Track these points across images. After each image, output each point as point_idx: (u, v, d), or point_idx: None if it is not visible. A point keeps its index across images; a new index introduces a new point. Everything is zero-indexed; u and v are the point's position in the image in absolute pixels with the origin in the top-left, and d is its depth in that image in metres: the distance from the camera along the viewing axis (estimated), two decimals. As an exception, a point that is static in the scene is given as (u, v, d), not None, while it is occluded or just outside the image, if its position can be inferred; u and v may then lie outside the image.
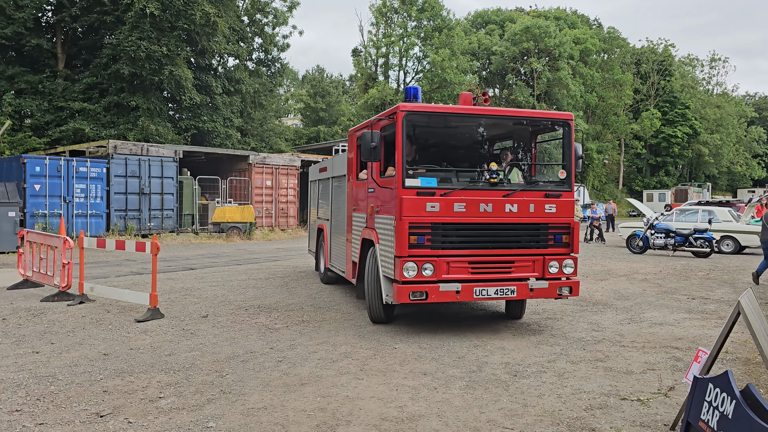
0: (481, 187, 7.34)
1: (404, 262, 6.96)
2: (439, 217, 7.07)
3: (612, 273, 14.30)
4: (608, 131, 60.05)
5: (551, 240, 7.44)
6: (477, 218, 7.19)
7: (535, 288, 7.33)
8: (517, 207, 7.30)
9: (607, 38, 62.74)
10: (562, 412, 4.96)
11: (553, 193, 7.50)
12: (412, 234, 6.99)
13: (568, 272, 7.52)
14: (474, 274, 7.20)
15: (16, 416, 4.76)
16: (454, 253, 7.16)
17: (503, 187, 7.40)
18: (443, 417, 4.82)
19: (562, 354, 6.78)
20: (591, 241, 24.61)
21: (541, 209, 7.38)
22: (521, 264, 7.37)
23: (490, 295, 7.17)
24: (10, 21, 28.97)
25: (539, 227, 7.42)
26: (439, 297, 7.04)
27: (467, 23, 60.93)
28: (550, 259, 7.43)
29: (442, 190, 7.13)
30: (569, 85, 52.84)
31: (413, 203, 7.02)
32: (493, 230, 7.30)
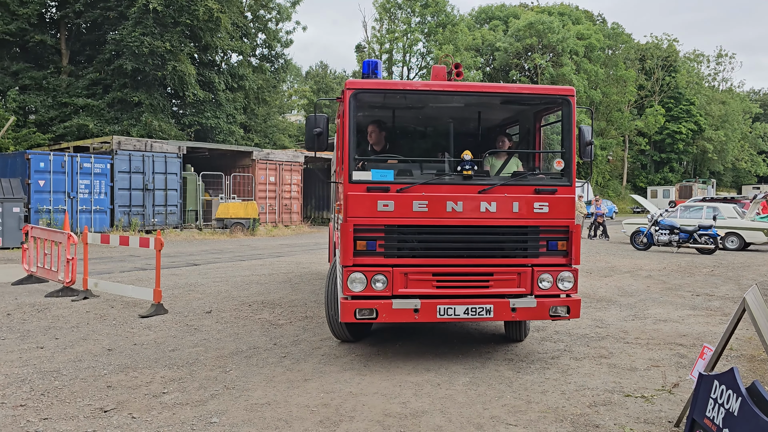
0: (450, 181, 5.95)
1: (349, 272, 5.72)
2: (394, 218, 5.77)
3: (616, 269, 14.27)
4: (612, 128, 59.85)
5: (543, 247, 5.98)
6: (443, 219, 5.83)
7: (518, 307, 5.84)
8: (496, 206, 5.86)
9: (612, 34, 62.50)
10: (565, 408, 4.95)
11: (545, 189, 5.97)
12: (359, 238, 5.76)
13: (565, 288, 5.97)
14: (440, 288, 5.86)
15: (20, 411, 4.78)
16: (413, 262, 5.86)
17: (479, 181, 5.95)
18: (446, 413, 4.82)
19: (565, 350, 6.77)
20: (594, 237, 24.56)
21: (529, 209, 5.92)
22: (502, 277, 5.92)
23: (458, 314, 5.76)
24: (14, 17, 29.00)
25: (527, 231, 5.96)
26: (392, 316, 5.75)
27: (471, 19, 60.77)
28: (542, 271, 5.93)
29: (398, 184, 5.79)
30: (573, 81, 52.66)
31: (361, 201, 5.76)
32: (465, 234, 5.89)
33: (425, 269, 5.87)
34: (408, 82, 6.67)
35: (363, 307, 5.73)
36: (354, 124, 5.92)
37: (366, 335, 7.19)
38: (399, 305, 5.77)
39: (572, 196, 6.07)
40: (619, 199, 58.33)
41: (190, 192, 25.16)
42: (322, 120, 6.07)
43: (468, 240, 5.92)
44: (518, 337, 7.07)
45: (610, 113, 59.56)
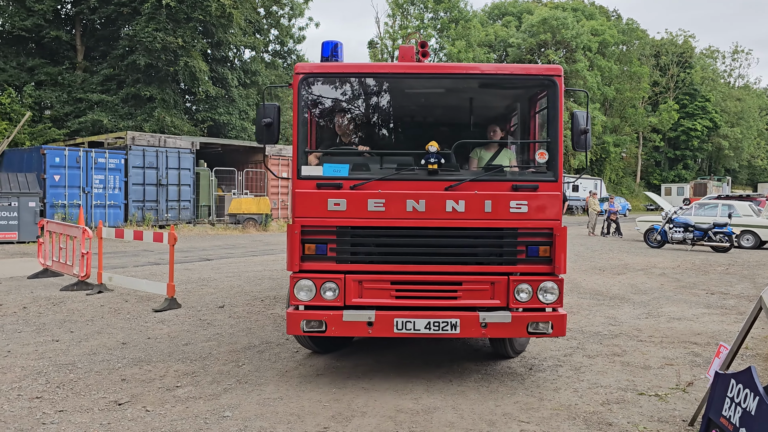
0: (411, 176, 5.24)
1: (296, 279, 5.17)
2: (346, 219, 5.16)
3: (629, 267, 14.17)
4: (626, 124, 59.39)
5: (521, 253, 5.21)
6: (403, 220, 5.14)
7: (489, 322, 5.08)
8: (465, 205, 5.12)
9: (626, 30, 61.95)
10: (578, 406, 4.93)
11: (525, 185, 5.18)
12: (307, 241, 5.20)
13: (548, 300, 5.17)
14: (399, 298, 5.17)
15: (36, 403, 4.83)
16: (369, 268, 5.22)
17: (446, 177, 5.20)
18: (458, 409, 4.81)
19: (578, 348, 6.73)
20: (608, 234, 24.42)
21: (505, 208, 5.13)
22: (473, 287, 5.18)
23: (418, 329, 5.05)
24: (30, 13, 29.26)
25: (502, 234, 5.19)
26: (342, 329, 5.12)
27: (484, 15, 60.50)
28: (519, 280, 5.16)
29: (352, 180, 5.17)
30: (586, 77, 52.30)
31: (310, 199, 5.17)
32: (428, 238, 5.19)
33: (382, 277, 5.18)
34: (363, 65, 5.73)
35: (311, 318, 5.12)
36: (304, 112, 5.39)
37: (342, 347, 6.47)
38: (350, 317, 5.10)
39: (557, 193, 5.20)
40: (633, 196, 57.92)
41: (203, 187, 25.30)
42: (272, 109, 5.42)
43: (432, 244, 5.20)
44: (505, 352, 6.16)
45: (623, 110, 59.10)
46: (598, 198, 26.15)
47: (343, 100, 6.34)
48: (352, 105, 6.49)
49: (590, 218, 25.08)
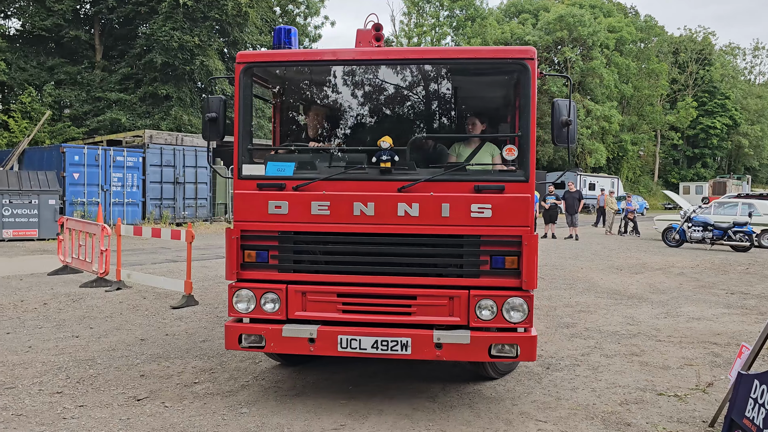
0: (360, 176, 4.69)
1: (235, 289, 4.74)
2: (288, 223, 4.66)
3: (647, 266, 14.03)
4: (643, 122, 58.78)
5: (485, 264, 4.55)
6: (349, 225, 4.59)
7: (445, 343, 4.46)
8: (419, 208, 4.51)
9: (644, 27, 61.30)
10: (596, 406, 4.89)
11: (489, 186, 4.51)
12: (246, 247, 4.76)
13: (514, 320, 4.50)
14: (346, 313, 4.63)
15: (57, 398, 4.90)
16: (313, 278, 4.70)
17: (399, 177, 4.59)
18: (474, 408, 4.80)
19: (596, 347, 6.68)
20: (625, 233, 24.20)
21: (465, 213, 4.49)
22: (428, 302, 4.56)
23: (364, 348, 4.50)
24: (50, 13, 29.66)
25: (462, 242, 4.56)
26: (281, 345, 4.65)
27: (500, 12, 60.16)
28: (482, 295, 4.50)
29: (296, 180, 4.67)
30: (603, 74, 51.85)
31: (250, 201, 4.74)
32: (378, 246, 4.61)
33: (328, 288, 4.65)
34: (311, 51, 5.15)
35: (249, 332, 4.68)
36: (245, 106, 4.88)
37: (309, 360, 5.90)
38: (290, 332, 4.58)
39: (527, 195, 4.51)
40: (650, 195, 57.32)
41: (219, 185, 25.47)
42: (217, 103, 4.94)
43: (382, 252, 4.62)
44: (485, 372, 5.46)
45: (641, 107, 58.51)
46: (615, 196, 25.92)
47: (291, 92, 5.84)
48: (301, 96, 5.97)
49: (607, 217, 24.86)
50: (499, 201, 4.50)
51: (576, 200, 21.89)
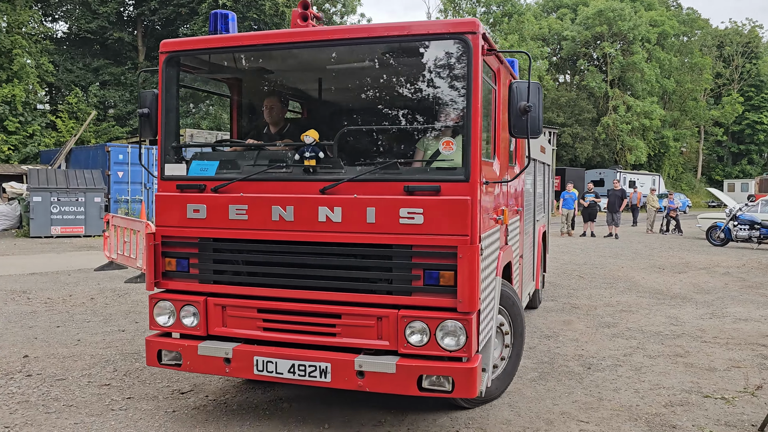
0: (283, 176, 4.21)
1: (155, 300, 4.38)
2: (207, 229, 4.23)
3: (691, 266, 13.69)
4: (686, 118, 57.25)
5: (417, 279, 3.87)
6: (267, 232, 4.10)
7: (367, 371, 3.86)
8: (342, 213, 3.93)
9: (686, 20, 59.68)
10: (640, 407, 4.81)
11: (421, 187, 3.85)
12: (168, 255, 4.36)
13: (450, 346, 3.80)
14: (268, 330, 4.15)
15: (105, 390, 5.06)
16: (233, 291, 4.24)
17: (324, 176, 4.08)
18: (515, 407, 4.77)
19: (638, 348, 6.56)
20: (667, 232, 23.65)
21: (393, 218, 3.84)
22: (354, 321, 3.97)
23: (280, 373, 4.00)
24: (95, 16, 30.56)
25: (391, 254, 3.90)
26: (197, 365, 4.21)
27: (538, 8, 59.37)
28: (412, 316, 3.84)
29: (216, 181, 4.24)
30: (644, 69, 50.71)
31: (170, 204, 4.34)
32: (297, 255, 4.07)
33: (248, 302, 4.19)
34: (233, 36, 4.50)
35: (168, 348, 4.31)
36: (171, 99, 4.48)
37: None
38: (206, 350, 4.16)
39: (466, 198, 3.76)
40: (693, 192, 55.85)
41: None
42: (149, 97, 4.50)
43: (302, 264, 4.07)
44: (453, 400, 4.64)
45: (684, 103, 57.02)
46: (656, 194, 25.34)
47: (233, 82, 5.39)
48: (231, 87, 5.48)
49: (648, 215, 24.34)
50: (433, 205, 3.78)
51: (618, 198, 21.49)
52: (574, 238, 20.48)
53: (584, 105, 50.09)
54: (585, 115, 49.54)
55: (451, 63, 4.12)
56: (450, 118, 4.29)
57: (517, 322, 5.06)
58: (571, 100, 50.15)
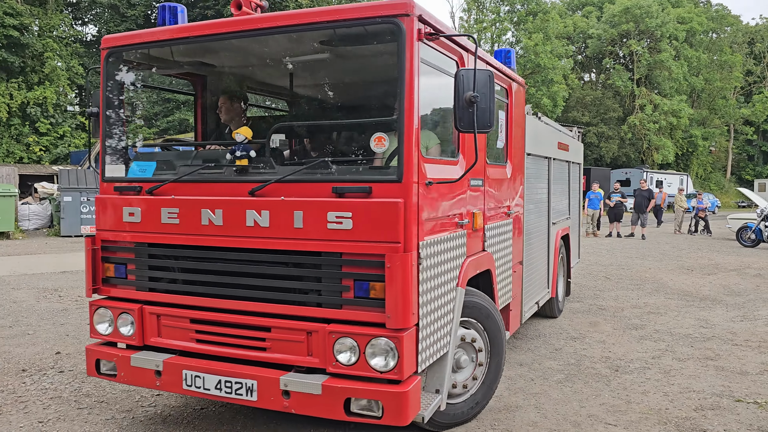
0: (215, 177, 3.97)
1: (95, 307, 4.20)
2: (142, 233, 4.03)
3: (720, 267, 13.43)
4: (715, 116, 56.18)
5: (348, 291, 3.52)
6: (196, 237, 3.85)
7: (293, 391, 3.54)
8: (270, 217, 3.64)
9: (716, 17, 58.56)
10: (669, 411, 4.74)
11: (351, 188, 3.50)
12: (107, 260, 4.20)
13: (380, 366, 3.43)
14: (201, 342, 3.91)
15: (134, 386, 5.14)
16: (167, 299, 4.02)
17: (254, 177, 3.82)
18: (541, 409, 4.73)
19: (667, 350, 6.46)
20: (696, 233, 23.24)
21: (321, 223, 3.52)
22: (283, 336, 3.67)
23: (208, 389, 3.76)
24: (124, 19, 31.14)
25: (320, 263, 3.58)
26: (130, 376, 4.02)
27: (563, 6, 58.81)
28: (340, 332, 3.49)
29: (151, 182, 4.03)
30: (671, 67, 49.91)
31: (108, 206, 4.17)
32: (225, 263, 3.83)
33: (182, 312, 3.95)
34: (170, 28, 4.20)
35: (105, 357, 4.12)
36: (114, 97, 4.28)
37: None
38: (138, 362, 3.95)
39: (397, 201, 3.37)
40: (722, 192, 54.80)
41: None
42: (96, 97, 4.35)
43: (231, 272, 3.81)
44: None
45: (713, 101, 55.98)
46: (684, 194, 24.92)
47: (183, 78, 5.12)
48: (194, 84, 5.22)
49: (676, 215, 23.95)
50: (361, 208, 3.42)
51: (645, 199, 21.14)
52: (600, 238, 20.24)
53: (610, 104, 49.52)
54: (611, 114, 48.97)
55: (386, 50, 3.71)
56: (386, 112, 3.94)
57: (494, 338, 4.50)
58: (596, 99, 49.61)
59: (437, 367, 3.93)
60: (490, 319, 4.49)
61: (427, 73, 3.65)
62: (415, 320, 3.44)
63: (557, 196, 7.57)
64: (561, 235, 7.70)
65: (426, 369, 3.83)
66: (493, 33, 46.57)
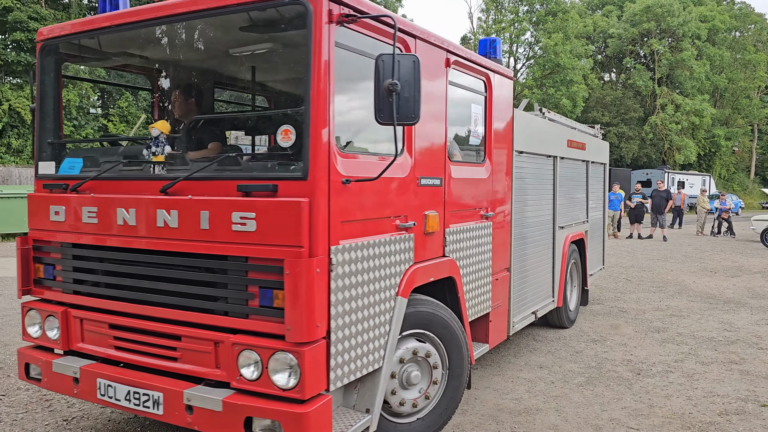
0: (133, 174, 3.77)
1: (26, 309, 4.06)
2: (66, 233, 3.86)
3: (744, 269, 13.21)
4: (739, 116, 55.32)
5: (253, 298, 3.20)
6: (112, 238, 3.65)
7: (196, 406, 3.24)
8: (178, 217, 3.38)
9: (739, 15, 57.67)
10: (692, 415, 4.67)
11: (255, 186, 3.20)
12: (38, 260, 4.04)
13: (280, 383, 3.09)
14: (120, 350, 3.70)
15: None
16: (90, 303, 3.81)
17: (167, 174, 3.59)
18: (562, 412, 4.69)
19: (690, 354, 6.36)
20: (719, 234, 22.88)
21: (225, 224, 3.22)
22: (192, 346, 3.41)
23: (119, 400, 3.52)
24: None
25: (226, 267, 3.29)
26: (52, 382, 3.84)
27: (582, 5, 58.35)
28: (244, 344, 3.18)
29: (76, 180, 3.86)
30: (693, 67, 49.24)
31: (37, 205, 4.01)
32: (137, 266, 3.61)
33: (102, 317, 3.75)
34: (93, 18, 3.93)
35: (32, 361, 3.95)
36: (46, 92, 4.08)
37: None
38: (59, 367, 3.77)
39: (300, 200, 3.04)
40: (746, 193, 53.93)
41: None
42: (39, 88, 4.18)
43: (143, 275, 3.58)
44: None
45: (736, 100, 55.14)
46: (707, 195, 24.57)
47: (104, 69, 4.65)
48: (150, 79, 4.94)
49: (699, 217, 23.62)
50: (265, 208, 3.10)
51: (663, 199, 20.87)
52: (620, 240, 20.02)
53: (630, 104, 48.99)
54: (631, 114, 48.45)
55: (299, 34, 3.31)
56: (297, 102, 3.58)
57: (453, 353, 4.15)
58: (616, 99, 49.12)
59: (370, 383, 3.58)
60: (448, 331, 4.11)
61: (353, 61, 3.35)
62: (321, 333, 3.09)
63: (567, 198, 7.05)
64: (572, 240, 7.17)
65: (358, 385, 3.58)
66: (512, 33, 46.35)
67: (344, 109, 3.40)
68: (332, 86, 3.14)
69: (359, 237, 3.37)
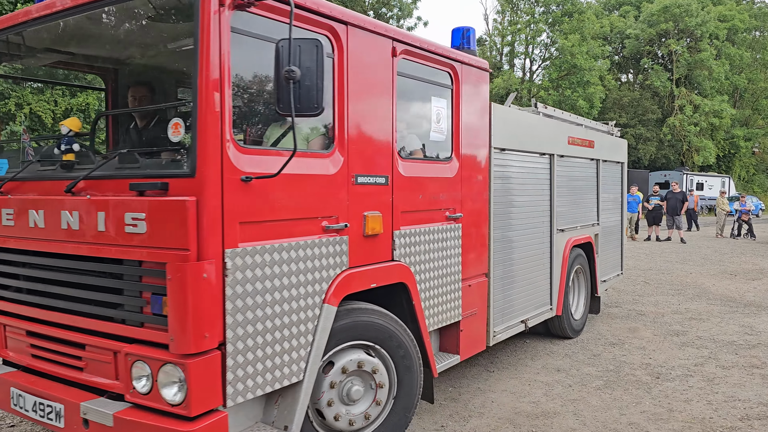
0: (44, 174, 3.62)
1: None
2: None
3: (765, 272, 13.01)
4: (759, 116, 54.58)
5: (146, 305, 3.01)
6: (24, 240, 3.52)
7: (92, 421, 3.08)
8: (79, 218, 3.21)
9: (759, 14, 56.94)
10: (713, 420, 4.61)
11: (146, 185, 2.98)
12: None
13: (168, 397, 2.90)
14: (36, 358, 3.58)
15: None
16: (10, 308, 3.71)
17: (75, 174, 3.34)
18: (580, 416, 4.66)
19: (710, 357, 6.28)
20: (739, 236, 22.58)
21: (119, 225, 3.03)
22: (94, 355, 3.25)
23: (27, 410, 3.42)
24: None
25: (121, 271, 3.10)
26: None
27: (599, 6, 57.97)
28: (136, 355, 3.01)
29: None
30: (712, 67, 48.67)
31: None
32: (43, 270, 3.49)
33: (20, 323, 3.62)
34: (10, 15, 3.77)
35: None
36: None
37: None
38: None
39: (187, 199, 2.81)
40: (766, 195, 53.18)
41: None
42: None
43: (48, 280, 3.45)
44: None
45: (756, 101, 54.43)
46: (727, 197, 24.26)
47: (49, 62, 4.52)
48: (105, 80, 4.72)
49: (718, 219, 23.33)
50: (153, 208, 2.90)
51: (679, 201, 20.64)
52: (638, 242, 19.83)
53: (648, 105, 48.52)
54: (649, 116, 47.98)
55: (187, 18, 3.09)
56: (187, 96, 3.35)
57: (402, 371, 3.87)
58: (634, 100, 48.69)
59: (290, 398, 3.33)
60: (396, 343, 3.82)
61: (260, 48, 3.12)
62: (212, 344, 2.86)
63: (569, 199, 6.62)
64: (574, 244, 6.73)
65: (279, 400, 3.34)
66: (528, 35, 46.17)
67: (248, 101, 3.15)
68: (227, 75, 2.88)
69: (267, 239, 3.11)
